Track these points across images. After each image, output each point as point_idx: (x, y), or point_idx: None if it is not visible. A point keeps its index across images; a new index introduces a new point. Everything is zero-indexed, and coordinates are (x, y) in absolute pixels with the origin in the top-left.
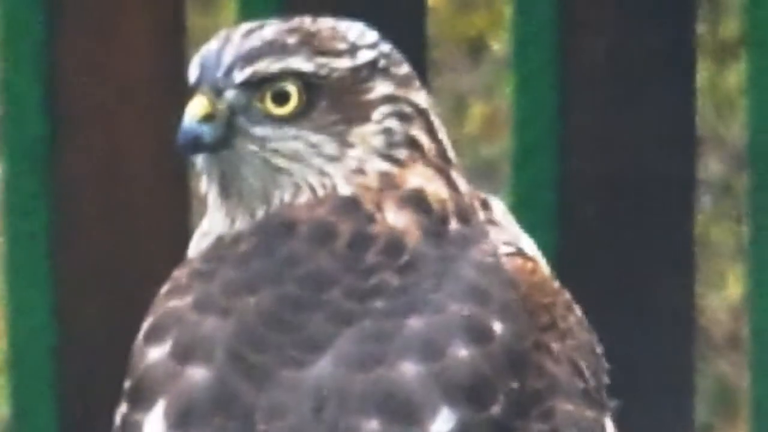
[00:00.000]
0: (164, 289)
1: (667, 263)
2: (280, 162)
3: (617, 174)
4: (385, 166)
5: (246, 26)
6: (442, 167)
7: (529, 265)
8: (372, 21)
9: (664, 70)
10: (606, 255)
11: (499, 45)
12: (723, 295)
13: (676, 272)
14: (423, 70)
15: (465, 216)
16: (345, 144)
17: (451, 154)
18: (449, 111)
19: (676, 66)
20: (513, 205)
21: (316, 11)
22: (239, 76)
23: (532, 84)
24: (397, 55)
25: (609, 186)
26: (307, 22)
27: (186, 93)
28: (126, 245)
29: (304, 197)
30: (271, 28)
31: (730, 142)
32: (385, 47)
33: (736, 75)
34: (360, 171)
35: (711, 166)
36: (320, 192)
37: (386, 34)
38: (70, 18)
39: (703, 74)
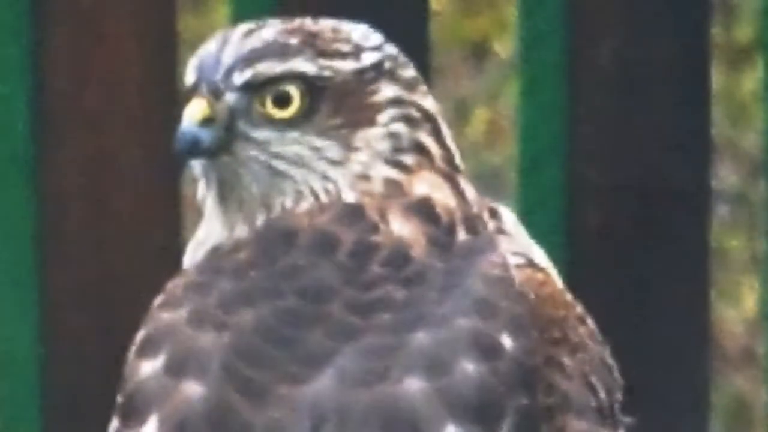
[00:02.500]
0: (157, 301)
1: (680, 275)
2: (282, 167)
3: (627, 182)
4: (391, 172)
5: (244, 26)
6: (449, 174)
7: (540, 276)
8: (372, 23)
9: (677, 75)
10: (616, 267)
11: (504, 49)
12: (738, 307)
13: (689, 284)
14: (425, 75)
15: (473, 226)
16: (349, 148)
17: (458, 160)
18: (452, 117)
19: (689, 71)
20: (519, 215)
21: (314, 13)
22: (239, 78)
23: (538, 89)
24: (402, 58)
25: (619, 195)
26: (307, 22)
27: (177, 97)
28: (115, 255)
29: (307, 203)
30: (271, 29)
31: (745, 150)
32: (391, 49)
33: (750, 80)
34: (365, 177)
35: (725, 175)
36: (323, 198)
37: (387, 37)
38: (57, 21)
39: (716, 79)
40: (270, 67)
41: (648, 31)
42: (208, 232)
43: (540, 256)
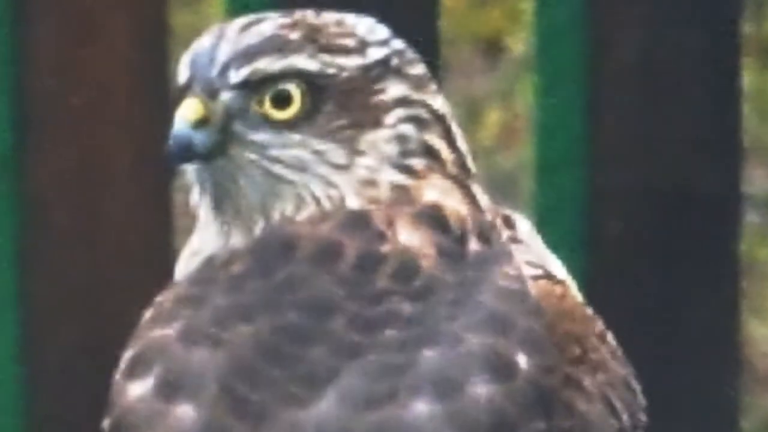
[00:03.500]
0: (147, 316)
1: (707, 287)
2: (282, 171)
3: (651, 187)
4: (399, 177)
5: (242, 20)
6: (461, 179)
7: (558, 289)
8: (379, 18)
9: (705, 72)
10: (638, 278)
11: (518, 44)
12: None
13: (717, 297)
14: (435, 72)
15: (486, 235)
16: (354, 151)
17: (470, 164)
18: (463, 117)
19: (718, 67)
20: (535, 223)
21: (318, 6)
22: (236, 76)
23: (556, 88)
24: (411, 54)
25: (642, 201)
26: (310, 16)
27: (169, 96)
28: (103, 265)
29: (308, 211)
30: (271, 23)
31: None
32: (398, 44)
33: None
34: (370, 182)
35: (756, 179)
36: (326, 205)
37: (394, 31)
38: (45, 16)
39: (747, 77)
40: (269, 64)
41: (675, 25)
42: (202, 241)
43: (557, 267)
